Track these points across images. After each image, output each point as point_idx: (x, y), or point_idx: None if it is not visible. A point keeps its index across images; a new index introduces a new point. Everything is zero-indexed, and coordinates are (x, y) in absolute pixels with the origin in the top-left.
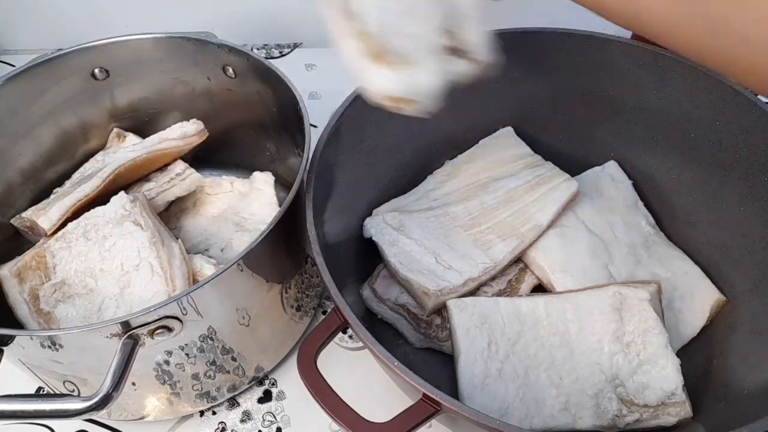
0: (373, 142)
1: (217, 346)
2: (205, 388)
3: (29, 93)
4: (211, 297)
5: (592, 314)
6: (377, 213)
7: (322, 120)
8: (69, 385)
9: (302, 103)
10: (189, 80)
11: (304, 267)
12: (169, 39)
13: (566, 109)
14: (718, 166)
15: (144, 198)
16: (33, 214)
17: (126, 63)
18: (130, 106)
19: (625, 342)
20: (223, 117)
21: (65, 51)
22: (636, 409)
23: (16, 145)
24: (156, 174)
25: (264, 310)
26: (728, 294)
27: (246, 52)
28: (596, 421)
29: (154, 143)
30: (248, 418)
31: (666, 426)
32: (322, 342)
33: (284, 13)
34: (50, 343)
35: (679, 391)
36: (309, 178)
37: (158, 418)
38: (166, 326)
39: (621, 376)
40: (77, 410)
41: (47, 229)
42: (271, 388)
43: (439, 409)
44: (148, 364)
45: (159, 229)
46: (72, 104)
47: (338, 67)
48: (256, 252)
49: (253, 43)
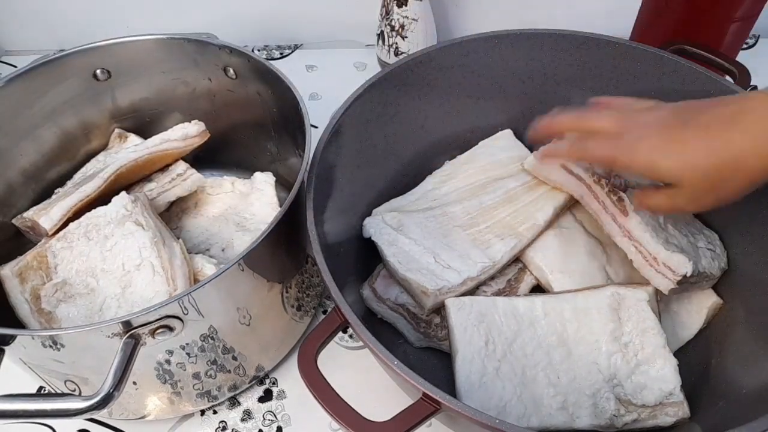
0: (373, 143)
1: (217, 346)
2: (205, 388)
3: (31, 94)
4: (212, 296)
5: (590, 314)
6: (376, 213)
7: (322, 120)
8: (70, 384)
9: (303, 103)
10: (190, 81)
11: (304, 267)
12: (171, 40)
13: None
14: None
15: (145, 198)
16: (34, 214)
17: (127, 64)
18: (131, 106)
19: (623, 342)
20: (224, 117)
21: (67, 52)
22: (634, 409)
23: (17, 145)
24: (157, 174)
25: (265, 309)
26: (725, 294)
27: (247, 53)
28: (594, 420)
29: (155, 144)
30: (249, 417)
31: (663, 426)
32: (322, 341)
33: (285, 14)
34: (51, 343)
35: (677, 392)
36: (309, 178)
37: (159, 417)
38: (167, 326)
39: (619, 376)
40: (78, 410)
41: (48, 229)
42: (272, 387)
43: (439, 408)
44: (149, 364)
45: (160, 229)
46: (73, 105)
47: (338, 68)
48: (256, 252)
49: (253, 44)
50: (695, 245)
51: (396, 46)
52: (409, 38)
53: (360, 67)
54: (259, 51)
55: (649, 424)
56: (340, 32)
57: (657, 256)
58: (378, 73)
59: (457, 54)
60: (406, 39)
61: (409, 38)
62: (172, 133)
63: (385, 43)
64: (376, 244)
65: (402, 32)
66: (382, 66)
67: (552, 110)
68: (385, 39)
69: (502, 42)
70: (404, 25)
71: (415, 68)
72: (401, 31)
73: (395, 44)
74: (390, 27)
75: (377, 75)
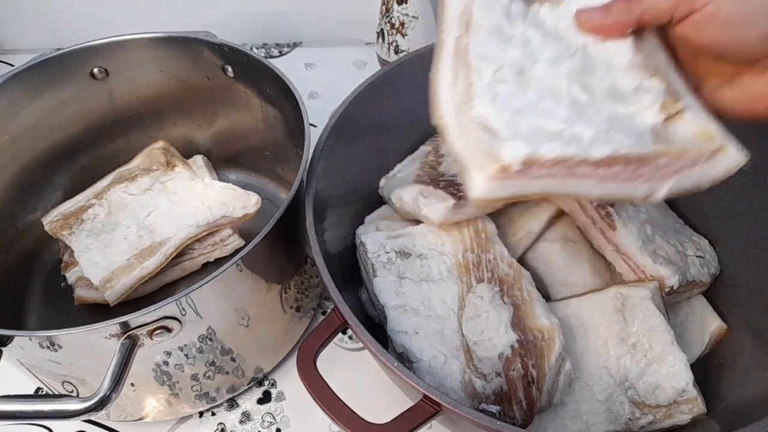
0: (373, 142)
1: (216, 347)
2: (204, 389)
3: (28, 93)
4: (210, 297)
5: (594, 318)
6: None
7: (321, 119)
8: (68, 385)
9: (302, 102)
10: (188, 80)
11: (303, 267)
12: (169, 38)
13: None
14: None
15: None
16: (101, 287)
17: (125, 62)
18: (129, 105)
19: (630, 343)
20: (223, 116)
21: (64, 50)
22: (649, 411)
23: (15, 145)
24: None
25: (263, 310)
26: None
27: (245, 52)
28: (610, 426)
29: (216, 218)
30: (247, 419)
31: (681, 425)
32: (321, 342)
33: (284, 12)
34: (49, 344)
35: (690, 387)
36: (309, 177)
37: (157, 418)
38: (165, 327)
39: (630, 378)
40: (76, 411)
41: (111, 303)
42: (271, 388)
43: (440, 409)
44: (147, 365)
45: None
46: (71, 104)
47: (338, 66)
48: (255, 252)
49: (252, 43)
50: (684, 254)
51: (396, 44)
52: (409, 36)
53: (360, 66)
54: (258, 49)
55: (666, 425)
56: (339, 30)
57: (644, 270)
58: (378, 72)
59: None
60: (407, 37)
61: (410, 36)
62: (234, 211)
63: (385, 41)
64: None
65: (402, 30)
66: (382, 64)
67: None
68: (385, 37)
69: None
70: (404, 22)
71: (415, 66)
72: (401, 28)
73: (395, 42)
74: (390, 25)
75: (377, 73)
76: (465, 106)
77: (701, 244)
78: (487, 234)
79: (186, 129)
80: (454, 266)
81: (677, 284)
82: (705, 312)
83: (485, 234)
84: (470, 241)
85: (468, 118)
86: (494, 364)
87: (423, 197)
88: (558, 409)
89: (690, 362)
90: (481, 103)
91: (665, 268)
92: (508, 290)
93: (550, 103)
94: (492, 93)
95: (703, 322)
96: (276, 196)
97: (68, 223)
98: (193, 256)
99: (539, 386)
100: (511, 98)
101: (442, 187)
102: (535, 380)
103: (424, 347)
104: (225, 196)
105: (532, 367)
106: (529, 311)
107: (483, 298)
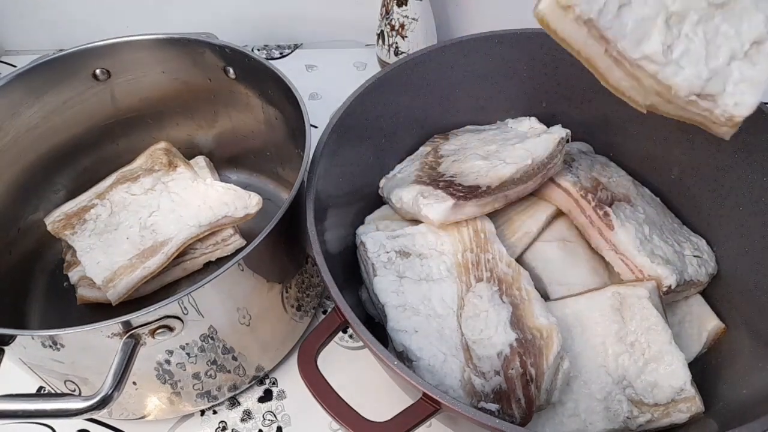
0: (373, 142)
1: (217, 346)
2: (205, 388)
3: (30, 94)
4: (212, 296)
5: (592, 317)
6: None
7: (322, 120)
8: (70, 384)
9: (302, 103)
10: (190, 81)
11: (304, 267)
12: (170, 40)
13: (580, 105)
14: (717, 168)
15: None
16: (103, 286)
17: (127, 64)
18: (131, 106)
19: (628, 342)
20: (224, 117)
21: (66, 51)
22: (647, 409)
23: (17, 145)
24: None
25: (264, 309)
26: (726, 294)
27: (246, 53)
28: (608, 425)
29: (217, 218)
30: (249, 418)
31: (679, 424)
32: (322, 341)
33: (285, 13)
34: (51, 343)
35: (687, 386)
36: (309, 178)
37: (159, 417)
38: (167, 326)
39: (628, 376)
40: (78, 410)
41: (113, 302)
42: (272, 387)
43: (439, 408)
44: (149, 364)
45: None
46: (73, 105)
47: (338, 68)
48: (256, 252)
49: (253, 44)
50: (681, 254)
51: (396, 45)
52: (409, 38)
53: (360, 67)
54: (259, 51)
55: (664, 423)
56: (339, 32)
57: (642, 269)
58: (378, 73)
59: (457, 54)
60: (406, 38)
61: (409, 38)
62: (235, 211)
63: (385, 42)
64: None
65: (402, 32)
66: (382, 66)
67: (551, 109)
68: (385, 38)
69: (502, 42)
70: (404, 24)
71: (415, 68)
72: (401, 30)
73: (395, 44)
74: (390, 26)
75: (377, 75)
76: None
77: (699, 243)
78: (486, 234)
79: (188, 130)
80: (454, 266)
81: (675, 284)
82: (703, 311)
83: (484, 234)
84: (469, 241)
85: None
86: (493, 362)
87: (423, 197)
88: (556, 407)
89: (688, 361)
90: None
91: (663, 267)
92: (507, 289)
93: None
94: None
95: (701, 322)
96: (277, 197)
97: (71, 223)
98: (194, 256)
99: (538, 385)
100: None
101: (441, 187)
102: (534, 379)
103: (423, 346)
104: (226, 196)
105: (531, 365)
106: (527, 310)
107: (482, 298)
